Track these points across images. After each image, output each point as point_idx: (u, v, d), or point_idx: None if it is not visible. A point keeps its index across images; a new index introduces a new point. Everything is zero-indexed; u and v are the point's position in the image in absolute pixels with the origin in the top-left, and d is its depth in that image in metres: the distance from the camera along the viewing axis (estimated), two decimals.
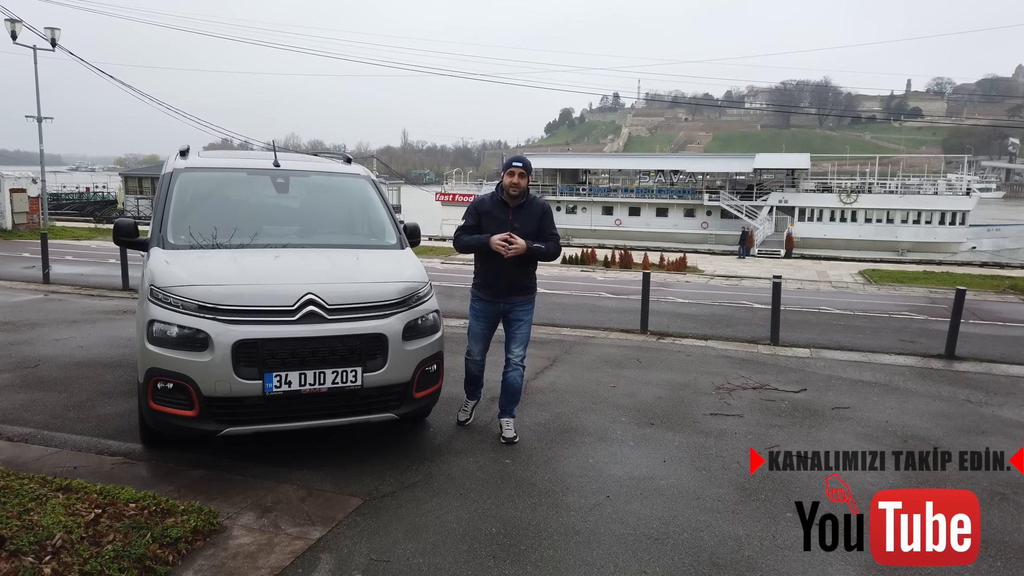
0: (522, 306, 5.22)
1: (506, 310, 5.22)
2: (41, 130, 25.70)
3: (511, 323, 5.25)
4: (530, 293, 5.27)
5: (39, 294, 11.48)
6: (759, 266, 28.55)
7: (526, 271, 5.19)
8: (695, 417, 5.94)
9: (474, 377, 5.50)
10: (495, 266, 5.08)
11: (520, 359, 5.23)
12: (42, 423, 5.30)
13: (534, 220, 5.08)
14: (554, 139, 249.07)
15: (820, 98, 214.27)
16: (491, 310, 5.24)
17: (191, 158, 5.61)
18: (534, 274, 5.29)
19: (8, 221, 22.67)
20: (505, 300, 5.18)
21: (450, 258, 23.02)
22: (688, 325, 10.61)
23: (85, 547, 3.29)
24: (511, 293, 5.16)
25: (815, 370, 7.78)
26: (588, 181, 56.54)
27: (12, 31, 22.83)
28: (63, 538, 3.30)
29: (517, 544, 3.74)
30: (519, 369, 5.23)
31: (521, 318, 5.22)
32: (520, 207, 5.08)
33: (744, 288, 17.91)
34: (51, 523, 3.41)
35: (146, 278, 4.68)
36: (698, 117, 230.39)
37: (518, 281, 5.16)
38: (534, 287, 5.31)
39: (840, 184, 49.66)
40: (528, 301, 5.26)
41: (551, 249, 5.09)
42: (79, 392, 6.07)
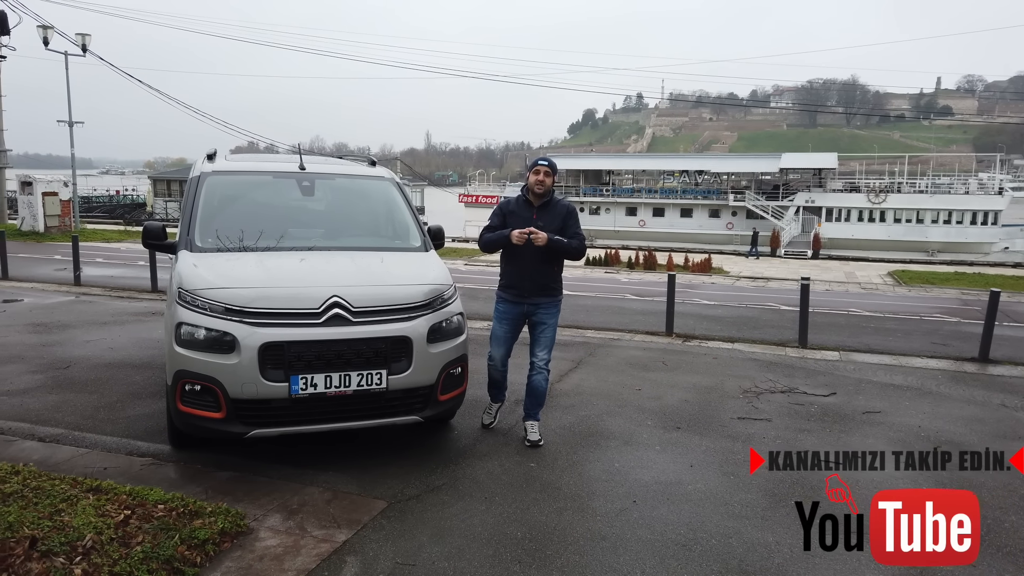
0: (546, 308, 5.21)
1: (530, 312, 5.21)
2: (72, 134, 26.14)
3: (535, 326, 5.24)
4: (555, 296, 5.25)
5: (71, 296, 11.67)
6: (786, 267, 28.26)
7: (550, 271, 5.19)
8: (722, 421, 5.87)
9: (497, 382, 5.49)
10: (519, 266, 5.11)
11: (545, 363, 5.22)
12: (73, 424, 5.37)
13: (558, 219, 5.09)
14: (577, 140, 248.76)
15: (847, 97, 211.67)
16: (515, 311, 5.23)
17: (218, 162, 5.66)
18: (559, 276, 5.28)
19: (41, 224, 23.10)
20: (529, 301, 5.17)
21: (474, 259, 23.08)
22: (714, 327, 10.51)
23: (115, 548, 3.32)
24: (535, 293, 5.15)
25: (845, 373, 7.66)
26: (612, 182, 56.36)
27: (44, 37, 23.25)
28: (93, 539, 3.33)
29: (543, 549, 3.72)
30: (544, 372, 5.22)
31: (545, 321, 5.21)
32: (544, 206, 5.12)
33: (771, 289, 17.73)
34: (81, 524, 3.45)
35: (174, 281, 4.73)
36: (723, 117, 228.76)
37: (542, 280, 5.15)
38: (559, 289, 5.29)
39: (868, 184, 49.04)
40: (553, 304, 5.24)
41: (573, 245, 5.07)
42: (109, 393, 6.15)
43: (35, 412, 5.61)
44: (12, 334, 8.41)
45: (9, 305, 10.57)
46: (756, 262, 32.04)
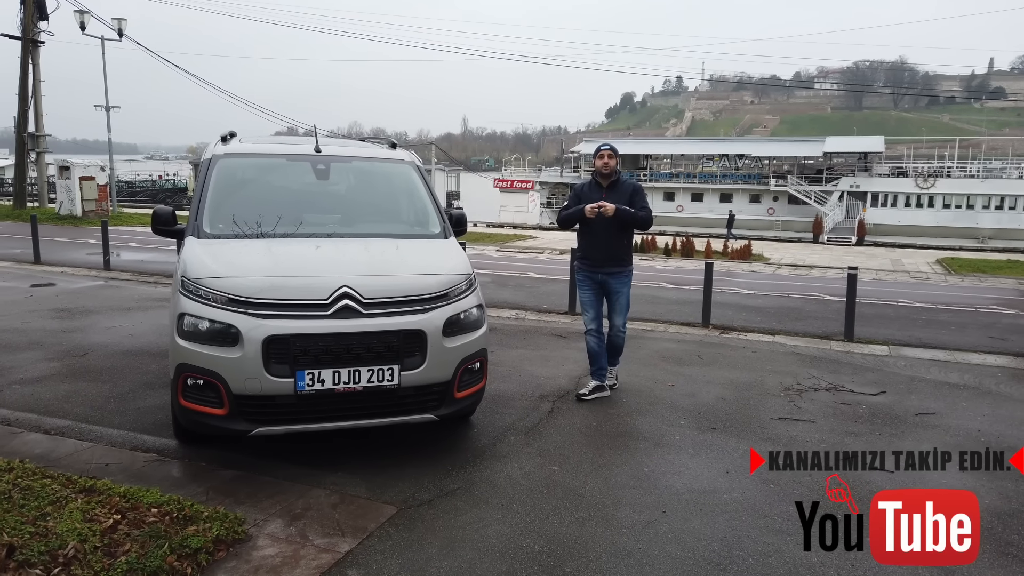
0: (618, 278, 5.80)
1: (604, 280, 5.81)
2: (109, 119, 26.39)
3: (611, 295, 5.87)
4: (625, 265, 5.84)
5: (99, 281, 11.65)
6: (829, 254, 27.34)
7: (620, 242, 5.79)
8: (761, 421, 5.47)
9: (595, 354, 5.93)
10: (592, 237, 5.77)
11: (621, 326, 5.94)
12: (81, 415, 5.20)
13: (625, 196, 5.69)
14: (615, 124, 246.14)
15: (895, 78, 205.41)
16: (592, 279, 5.86)
17: (232, 144, 5.40)
18: (628, 248, 5.89)
19: (78, 208, 23.35)
20: (602, 270, 5.78)
21: (506, 246, 22.78)
22: (754, 318, 10.02)
23: (98, 558, 3.09)
24: (606, 262, 5.76)
25: (895, 370, 7.17)
26: (649, 167, 55.37)
27: (81, 22, 23.45)
28: (76, 548, 3.10)
29: (562, 565, 3.40)
30: (621, 334, 5.98)
31: (619, 290, 5.82)
32: (612, 185, 5.76)
33: (814, 278, 17.07)
34: (66, 530, 3.22)
35: (179, 268, 4.50)
36: (765, 100, 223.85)
37: (611, 251, 5.75)
38: (629, 260, 5.89)
39: (916, 168, 47.44)
40: (624, 274, 5.84)
41: (641, 214, 5.66)
42: (122, 383, 5.98)
43: (45, 402, 5.46)
44: (35, 319, 8.34)
45: (37, 289, 10.56)
46: (798, 249, 31.12)
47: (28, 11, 23.59)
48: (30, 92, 23.97)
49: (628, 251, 5.90)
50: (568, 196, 6.14)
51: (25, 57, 23.80)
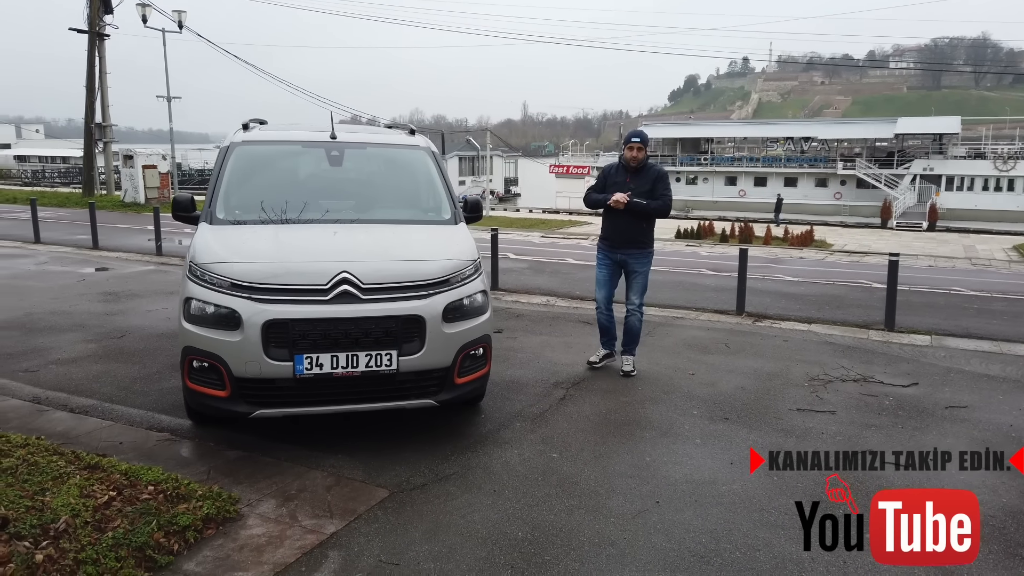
0: (636, 259, 6.04)
1: (623, 260, 6.08)
2: (171, 109, 27.32)
3: (629, 275, 6.12)
4: (644, 248, 6.06)
5: (150, 266, 12.09)
6: (897, 240, 26.24)
7: (638, 227, 6.00)
8: (778, 412, 5.31)
9: (604, 328, 6.32)
10: (612, 221, 6.05)
11: (636, 306, 6.09)
12: (107, 395, 5.42)
13: (649, 182, 5.93)
14: (678, 107, 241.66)
15: (976, 55, 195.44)
16: (611, 258, 6.13)
17: (251, 131, 5.52)
18: (648, 231, 6.08)
19: (141, 195, 24.29)
20: (621, 251, 6.05)
21: (552, 232, 22.66)
22: (792, 306, 9.72)
23: (87, 533, 3.21)
24: (625, 244, 6.02)
25: (932, 361, 6.85)
26: (711, 150, 54.18)
27: (143, 15, 24.28)
28: (68, 522, 3.23)
29: (541, 553, 3.38)
30: (637, 315, 6.10)
31: (637, 270, 6.06)
32: (638, 171, 5.96)
33: (865, 265, 16.45)
34: (61, 505, 3.36)
35: (188, 254, 4.64)
36: (836, 80, 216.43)
37: (629, 234, 6.00)
38: (648, 242, 6.09)
39: (995, 150, 45.16)
40: (643, 255, 6.07)
41: (653, 205, 5.89)
42: (151, 364, 6.21)
43: (76, 382, 5.71)
44: (83, 303, 8.72)
45: (90, 274, 11.03)
46: (864, 234, 30.03)
47: (94, 5, 24.57)
48: (96, 84, 24.97)
49: (647, 235, 6.10)
50: (597, 177, 6.39)
51: (92, 50, 24.80)
